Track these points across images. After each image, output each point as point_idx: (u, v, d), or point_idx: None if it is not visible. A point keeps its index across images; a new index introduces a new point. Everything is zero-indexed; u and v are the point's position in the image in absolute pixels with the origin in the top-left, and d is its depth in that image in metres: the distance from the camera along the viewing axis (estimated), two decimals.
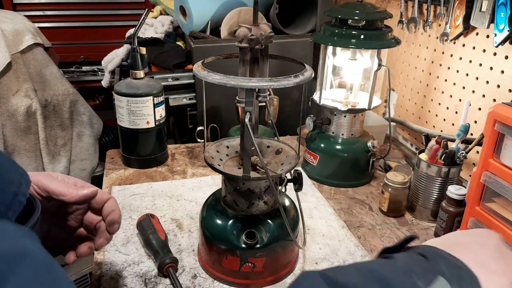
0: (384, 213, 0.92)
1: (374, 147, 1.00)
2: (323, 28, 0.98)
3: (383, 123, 1.25)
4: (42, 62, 1.48)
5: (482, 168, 0.70)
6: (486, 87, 0.95)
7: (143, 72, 1.03)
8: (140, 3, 2.25)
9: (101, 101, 2.10)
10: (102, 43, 2.22)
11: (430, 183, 0.87)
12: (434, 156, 0.85)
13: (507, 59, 0.88)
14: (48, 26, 2.14)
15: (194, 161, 1.14)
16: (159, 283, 0.70)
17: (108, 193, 0.63)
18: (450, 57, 1.05)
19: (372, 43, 0.92)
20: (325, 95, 1.03)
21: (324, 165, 1.03)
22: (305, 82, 0.61)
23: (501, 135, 0.67)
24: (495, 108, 0.66)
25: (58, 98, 1.52)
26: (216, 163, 0.68)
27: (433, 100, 1.14)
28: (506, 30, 0.81)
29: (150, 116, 1.03)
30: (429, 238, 0.84)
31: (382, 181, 0.92)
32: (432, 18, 1.06)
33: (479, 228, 0.46)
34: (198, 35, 1.30)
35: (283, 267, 0.72)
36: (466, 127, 0.83)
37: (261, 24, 0.62)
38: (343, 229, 0.86)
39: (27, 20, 1.53)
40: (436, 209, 0.86)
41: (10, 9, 2.02)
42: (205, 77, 0.59)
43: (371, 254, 0.79)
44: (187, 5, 1.30)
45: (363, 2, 0.95)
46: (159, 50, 1.38)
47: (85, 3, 2.20)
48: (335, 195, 0.99)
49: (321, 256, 0.78)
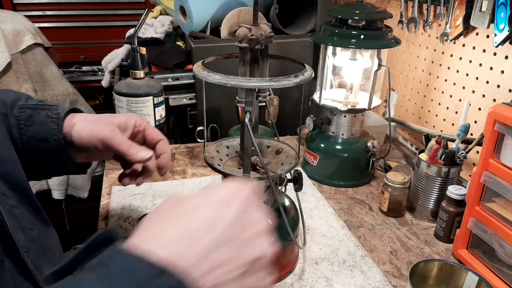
0: (384, 213, 0.92)
1: (374, 147, 1.00)
2: (323, 28, 0.98)
3: (383, 123, 1.25)
4: (42, 62, 1.48)
5: (482, 168, 0.70)
6: (486, 87, 0.95)
7: (143, 72, 1.03)
8: (140, 3, 2.25)
9: (101, 101, 2.10)
10: (102, 43, 2.22)
11: (430, 183, 0.87)
12: (434, 156, 0.85)
13: (507, 59, 0.88)
14: (48, 26, 2.14)
15: (194, 161, 1.14)
16: None
17: (161, 134, 0.68)
18: (450, 57, 1.05)
19: (372, 43, 0.92)
20: (325, 95, 1.03)
21: (324, 165, 1.03)
22: (305, 82, 0.61)
23: (501, 135, 0.67)
24: (495, 108, 0.66)
25: (58, 98, 1.52)
26: (216, 163, 0.68)
27: (433, 100, 1.14)
28: (506, 30, 0.81)
29: (150, 116, 1.03)
30: (429, 238, 0.84)
31: (382, 181, 0.92)
32: (432, 18, 1.06)
33: (223, 186, 0.36)
34: (198, 35, 1.30)
35: (283, 267, 0.72)
36: (466, 127, 0.83)
37: (261, 24, 0.62)
38: (343, 229, 0.86)
39: (27, 20, 1.53)
40: (436, 209, 0.86)
41: (10, 9, 2.02)
42: (205, 77, 0.59)
43: (371, 254, 0.79)
44: (187, 5, 1.30)
45: (363, 2, 0.95)
46: (159, 50, 1.38)
47: (85, 3, 2.20)
48: (335, 195, 0.99)
49: (321, 256, 0.78)
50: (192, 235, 0.31)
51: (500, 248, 0.68)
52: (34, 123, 0.61)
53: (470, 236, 0.75)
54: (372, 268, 0.75)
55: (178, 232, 0.32)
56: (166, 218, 0.33)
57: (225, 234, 0.32)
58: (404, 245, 0.82)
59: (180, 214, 0.33)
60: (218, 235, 0.32)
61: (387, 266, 0.76)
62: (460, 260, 0.76)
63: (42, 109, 0.62)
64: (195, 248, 0.31)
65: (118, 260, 0.30)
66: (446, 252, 0.80)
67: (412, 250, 0.80)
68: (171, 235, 0.31)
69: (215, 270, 0.31)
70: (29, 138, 0.61)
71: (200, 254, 0.31)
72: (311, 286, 0.70)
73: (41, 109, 0.62)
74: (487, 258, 0.73)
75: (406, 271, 0.74)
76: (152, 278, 0.28)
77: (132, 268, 0.29)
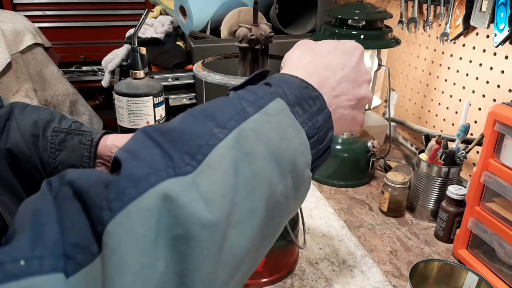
0: (384, 213, 0.92)
1: (374, 147, 1.00)
2: (323, 28, 0.98)
3: (383, 123, 1.25)
4: (42, 62, 1.48)
5: (482, 168, 0.70)
6: (486, 87, 0.95)
7: (143, 72, 1.03)
8: (140, 3, 2.25)
9: (101, 101, 2.10)
10: (102, 43, 2.22)
11: (430, 183, 0.87)
12: (434, 156, 0.85)
13: (507, 59, 0.88)
14: (48, 26, 2.14)
15: None
16: None
17: None
18: (450, 57, 1.05)
19: (372, 43, 0.92)
20: None
21: (324, 165, 1.02)
22: None
23: (501, 135, 0.67)
24: (495, 108, 0.66)
25: (58, 98, 1.52)
26: None
27: (433, 100, 1.14)
28: (506, 30, 0.81)
29: (150, 116, 1.03)
30: (429, 238, 0.84)
31: (382, 181, 0.92)
32: (432, 18, 1.06)
33: (345, 42, 0.48)
34: (198, 35, 1.30)
35: (283, 267, 0.72)
36: (466, 127, 0.83)
37: (261, 24, 0.62)
38: (343, 229, 0.86)
39: (27, 20, 1.53)
40: (436, 209, 0.86)
41: (10, 9, 2.02)
42: (205, 77, 0.59)
43: (371, 254, 0.79)
44: (187, 5, 1.30)
45: (363, 2, 0.95)
46: (159, 50, 1.38)
47: (85, 3, 2.20)
48: (335, 195, 0.99)
49: (321, 256, 0.78)
50: (331, 70, 0.44)
51: (500, 248, 0.68)
52: (66, 148, 0.61)
53: (470, 236, 0.75)
54: (372, 268, 0.75)
55: (322, 66, 0.44)
56: (310, 55, 0.45)
57: (350, 74, 0.45)
58: (404, 245, 0.82)
59: (321, 53, 0.45)
60: (346, 73, 0.44)
61: (387, 266, 0.76)
62: (460, 260, 0.76)
63: (76, 135, 0.62)
64: (332, 79, 0.43)
65: (275, 77, 0.41)
66: (446, 252, 0.80)
67: (412, 250, 0.80)
68: (315, 67, 0.44)
69: (340, 96, 0.44)
70: (59, 163, 0.61)
71: (335, 83, 0.43)
72: (311, 286, 0.70)
73: (75, 134, 0.61)
74: (487, 258, 0.73)
75: (406, 271, 0.74)
76: (302, 87, 0.40)
77: (288, 79, 0.41)
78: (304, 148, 0.38)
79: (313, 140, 0.40)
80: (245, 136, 0.33)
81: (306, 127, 0.39)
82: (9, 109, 0.62)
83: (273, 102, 0.37)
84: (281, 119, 0.37)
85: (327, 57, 0.45)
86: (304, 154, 0.38)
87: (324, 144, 0.42)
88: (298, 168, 0.37)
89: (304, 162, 0.38)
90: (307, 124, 0.39)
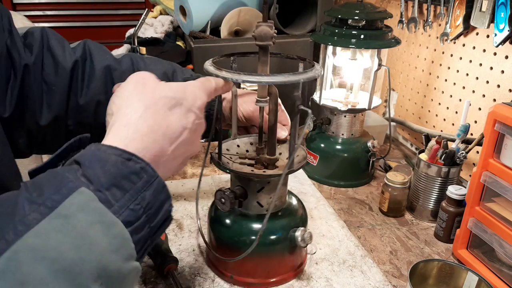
0: (384, 213, 0.92)
1: (374, 147, 1.00)
2: (323, 28, 0.98)
3: (383, 123, 1.25)
4: None
5: (482, 168, 0.70)
6: (486, 87, 0.95)
7: None
8: (140, 3, 2.25)
9: None
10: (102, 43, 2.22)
11: (430, 183, 0.87)
12: (434, 156, 0.85)
13: (507, 59, 0.88)
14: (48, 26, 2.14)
15: (194, 161, 1.14)
16: (159, 283, 0.70)
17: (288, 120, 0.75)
18: (450, 57, 1.05)
19: (372, 43, 0.92)
20: (325, 95, 1.03)
21: (324, 165, 1.03)
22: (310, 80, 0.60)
23: (501, 135, 0.67)
24: (495, 108, 0.66)
25: None
26: (228, 163, 0.68)
27: (433, 100, 1.14)
28: (506, 30, 0.81)
29: None
30: (429, 238, 0.84)
31: (382, 181, 0.92)
32: (432, 18, 1.06)
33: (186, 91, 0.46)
34: (198, 35, 1.30)
35: (292, 269, 0.71)
36: (466, 127, 0.83)
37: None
38: (343, 229, 0.86)
39: (27, 20, 1.53)
40: (436, 209, 0.86)
41: (10, 9, 2.02)
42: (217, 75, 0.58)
43: (371, 254, 0.79)
44: (187, 5, 1.30)
45: (363, 2, 0.95)
46: (159, 50, 1.38)
47: (85, 3, 2.20)
48: (335, 195, 0.99)
49: (321, 256, 0.78)
50: (169, 137, 0.42)
51: (500, 248, 0.68)
52: None
53: (470, 236, 0.75)
54: (372, 268, 0.75)
55: (161, 132, 0.41)
56: (150, 112, 0.41)
57: (188, 137, 0.44)
58: (404, 245, 0.82)
59: (162, 111, 0.42)
60: (185, 138, 0.44)
61: (387, 266, 0.76)
62: (460, 260, 0.76)
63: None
64: (172, 145, 0.42)
65: (89, 151, 0.36)
66: (446, 252, 0.80)
67: (412, 250, 0.80)
68: (153, 130, 0.40)
69: (177, 158, 0.44)
70: None
71: (174, 148, 0.42)
72: (311, 286, 0.70)
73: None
74: (487, 258, 0.73)
75: (406, 271, 0.74)
76: (120, 162, 0.35)
77: (103, 153, 0.35)
78: (120, 243, 0.33)
79: (139, 223, 0.35)
80: (18, 261, 0.27)
81: (126, 212, 0.34)
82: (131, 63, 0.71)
83: (72, 196, 0.31)
84: (80, 219, 0.31)
85: (169, 119, 0.42)
86: (119, 250, 0.33)
87: (158, 219, 0.38)
88: (110, 270, 0.32)
89: (121, 259, 0.33)
90: (128, 208, 0.34)
